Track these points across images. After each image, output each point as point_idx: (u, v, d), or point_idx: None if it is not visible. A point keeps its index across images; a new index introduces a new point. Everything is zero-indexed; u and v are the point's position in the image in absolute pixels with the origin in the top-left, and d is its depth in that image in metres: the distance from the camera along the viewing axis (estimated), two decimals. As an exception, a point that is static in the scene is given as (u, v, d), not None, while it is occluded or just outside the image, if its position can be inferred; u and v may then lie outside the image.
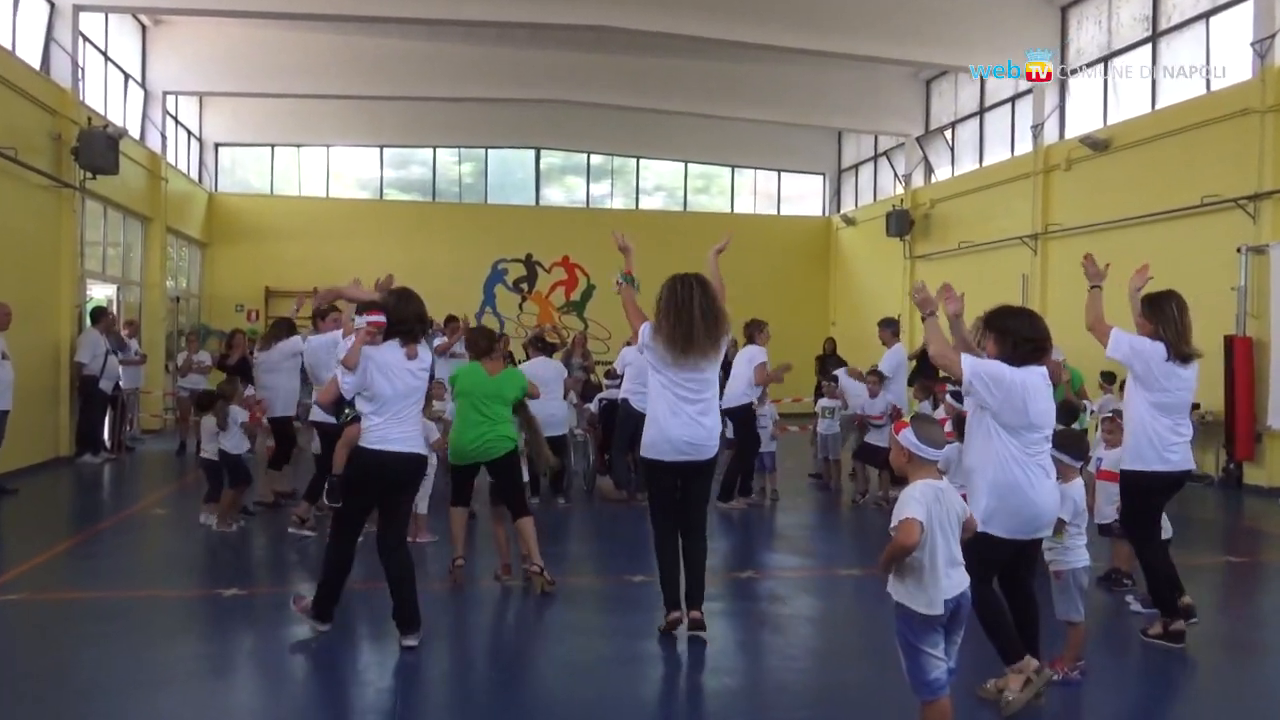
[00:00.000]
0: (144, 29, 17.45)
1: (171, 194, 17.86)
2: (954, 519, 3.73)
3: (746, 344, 10.35)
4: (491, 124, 21.91)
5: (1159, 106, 14.08)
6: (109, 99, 15.80)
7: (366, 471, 5.31)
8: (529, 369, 9.92)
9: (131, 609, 6.21)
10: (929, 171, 20.00)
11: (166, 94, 17.94)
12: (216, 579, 7.08)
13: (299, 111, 21.06)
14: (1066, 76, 15.93)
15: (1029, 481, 4.42)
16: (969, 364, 4.44)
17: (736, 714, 4.60)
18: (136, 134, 16.71)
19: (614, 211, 23.06)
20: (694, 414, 5.37)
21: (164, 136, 17.71)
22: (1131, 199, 14.00)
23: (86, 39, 14.72)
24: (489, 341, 6.78)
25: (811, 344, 17.72)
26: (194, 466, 9.04)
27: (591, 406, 11.29)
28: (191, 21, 17.26)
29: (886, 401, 10.31)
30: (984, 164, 18.33)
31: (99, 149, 13.54)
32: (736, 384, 10.03)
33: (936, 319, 4.70)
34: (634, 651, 5.41)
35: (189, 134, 20.31)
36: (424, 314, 5.41)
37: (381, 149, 22.42)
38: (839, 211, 23.72)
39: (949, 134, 19.50)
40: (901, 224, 19.65)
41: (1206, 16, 13.44)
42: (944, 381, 8.27)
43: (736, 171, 24.19)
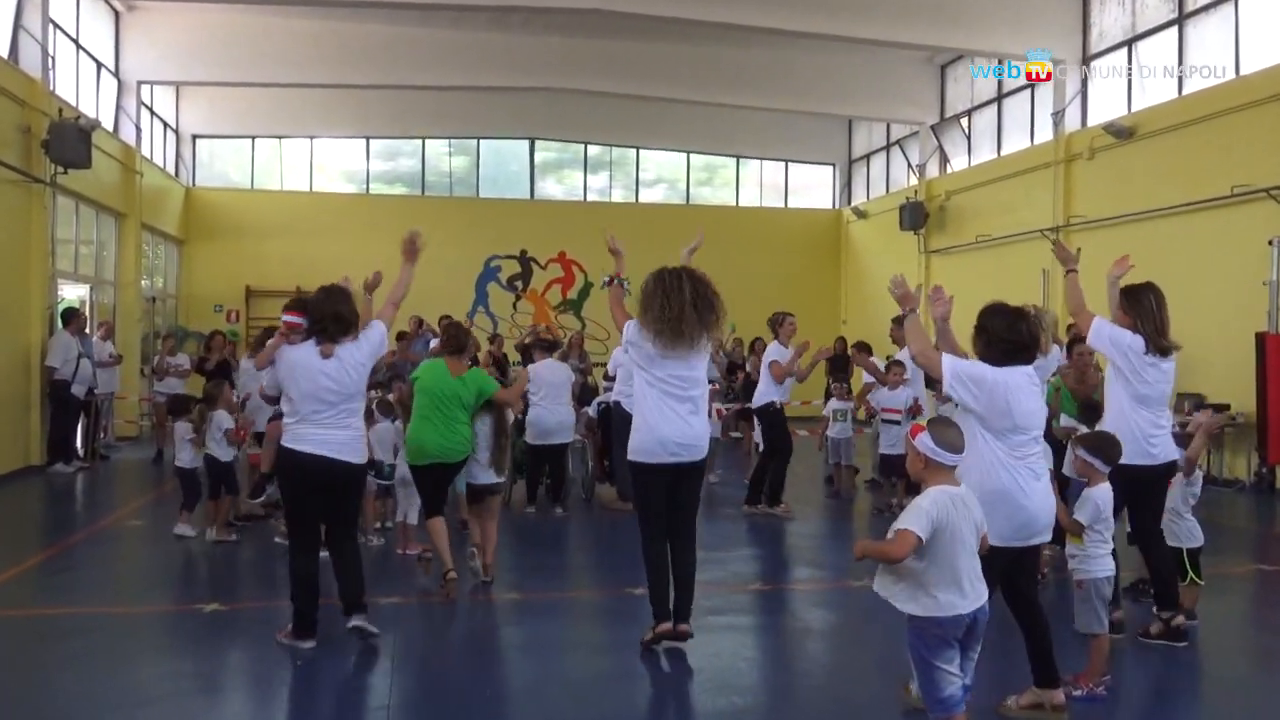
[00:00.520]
0: (117, 15, 17.47)
1: (147, 189, 17.87)
2: (973, 528, 3.73)
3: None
4: (484, 113, 21.91)
5: (1186, 92, 14.08)
6: (80, 89, 15.81)
7: (283, 469, 5.68)
8: (534, 372, 9.93)
9: (107, 626, 6.22)
10: (944, 161, 20.01)
11: (141, 83, 17.94)
12: (196, 594, 7.10)
13: (281, 101, 21.07)
14: (1088, 60, 15.94)
15: (1018, 486, 4.43)
16: (949, 364, 4.50)
17: (744, 734, 4.61)
18: (110, 126, 16.72)
19: (613, 205, 23.08)
20: (684, 413, 5.44)
21: (138, 128, 17.73)
22: (1157, 189, 14.01)
23: (57, 26, 14.73)
24: (463, 340, 7.05)
25: (821, 344, 17.69)
26: (172, 475, 9.03)
27: (590, 410, 11.30)
28: (167, 7, 17.27)
29: (909, 395, 10.31)
30: (1002, 153, 18.33)
31: (70, 142, 13.55)
32: (761, 383, 10.26)
33: (917, 316, 4.84)
34: (636, 668, 5.41)
35: (165, 125, 20.31)
36: (343, 313, 5.56)
37: (368, 140, 22.43)
38: (849, 204, 23.72)
39: (965, 122, 19.50)
40: (916, 217, 19.66)
41: (1236, -3, 13.45)
42: None
43: (742, 162, 24.19)
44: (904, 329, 4.82)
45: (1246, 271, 12.31)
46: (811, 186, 24.63)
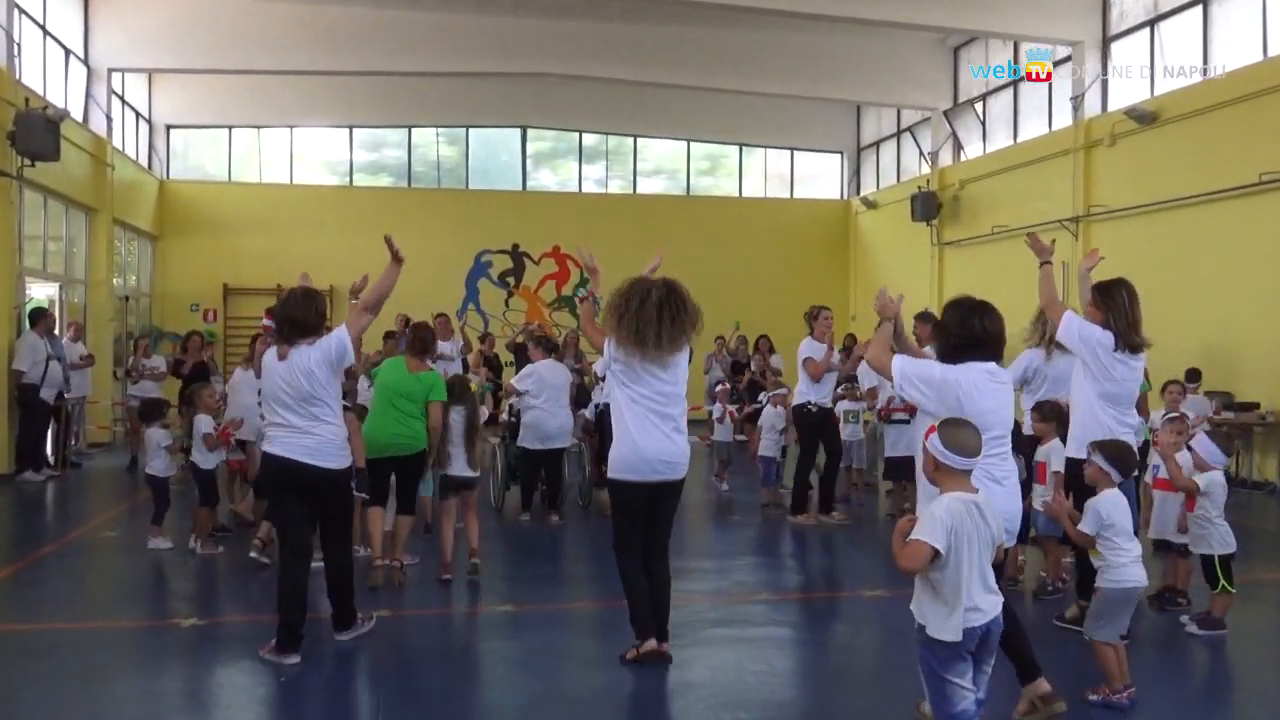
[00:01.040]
0: (86, 0, 17.47)
1: (118, 182, 17.87)
2: (988, 537, 3.73)
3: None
4: (473, 101, 21.92)
5: (1211, 75, 14.08)
6: (48, 77, 15.80)
7: (263, 472, 6.12)
8: (534, 372, 9.92)
9: (78, 643, 6.20)
10: (958, 149, 20.01)
11: (112, 71, 17.93)
12: (173, 608, 7.10)
13: (259, 89, 21.06)
14: (1109, 42, 15.95)
15: None
16: (898, 365, 4.63)
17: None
18: (79, 116, 16.71)
19: (609, 196, 23.09)
20: (668, 430, 5.58)
21: (109, 118, 17.72)
22: (1182, 177, 14.01)
23: (22, 10, 14.72)
24: (428, 344, 7.63)
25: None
26: (146, 484, 9.03)
27: (587, 413, 11.28)
28: (139, -10, 17.28)
29: None
30: (1019, 140, 18.33)
31: (37, 133, 13.53)
32: (799, 383, 10.21)
33: (889, 326, 4.96)
34: (637, 684, 5.41)
35: (137, 115, 20.31)
36: (298, 317, 5.78)
37: (351, 130, 22.43)
38: (858, 194, 23.73)
39: (979, 107, 19.50)
40: (928, 207, 19.67)
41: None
42: None
43: (745, 151, 24.19)
44: (873, 335, 5.03)
45: (1276, 263, 12.32)
46: (818, 176, 24.64)
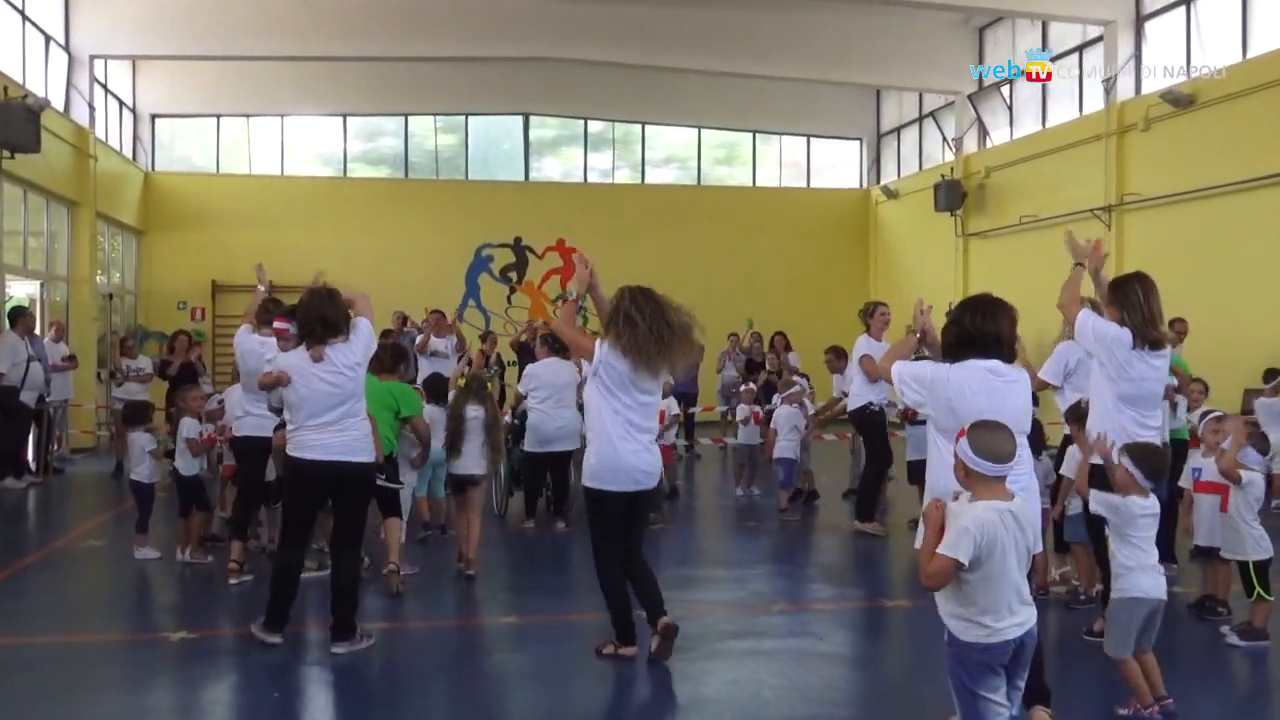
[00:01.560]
0: (67, -17, 17.52)
1: (101, 174, 17.91)
2: (1024, 549, 3.71)
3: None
4: (473, 87, 21.92)
5: (1252, 54, 14.03)
6: (28, 65, 15.85)
7: (289, 478, 6.26)
8: (534, 374, 9.92)
9: (63, 657, 6.22)
10: (983, 135, 19.96)
11: (94, 58, 17.96)
12: (161, 621, 7.11)
13: (248, 76, 21.09)
14: (1143, 20, 15.90)
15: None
16: (895, 368, 4.77)
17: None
18: (60, 105, 16.76)
19: (617, 187, 23.08)
20: (646, 443, 5.95)
21: (92, 107, 17.77)
22: (1220, 163, 13.96)
23: (1, -4, 14.78)
24: (388, 363, 7.80)
25: (849, 339, 17.63)
26: (130, 491, 9.04)
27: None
28: (122, -27, 17.33)
29: None
30: (1047, 125, 18.29)
31: (17, 123, 13.57)
32: (854, 383, 10.14)
33: (914, 338, 5.16)
34: (647, 698, 5.42)
35: (121, 104, 20.36)
36: (328, 315, 5.99)
37: (345, 118, 22.45)
38: (879, 183, 23.69)
39: (1006, 90, 19.45)
40: (952, 196, 19.62)
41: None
42: None
43: (759, 138, 24.15)
44: (896, 343, 5.28)
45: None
46: (836, 164, 24.60)
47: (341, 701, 5.50)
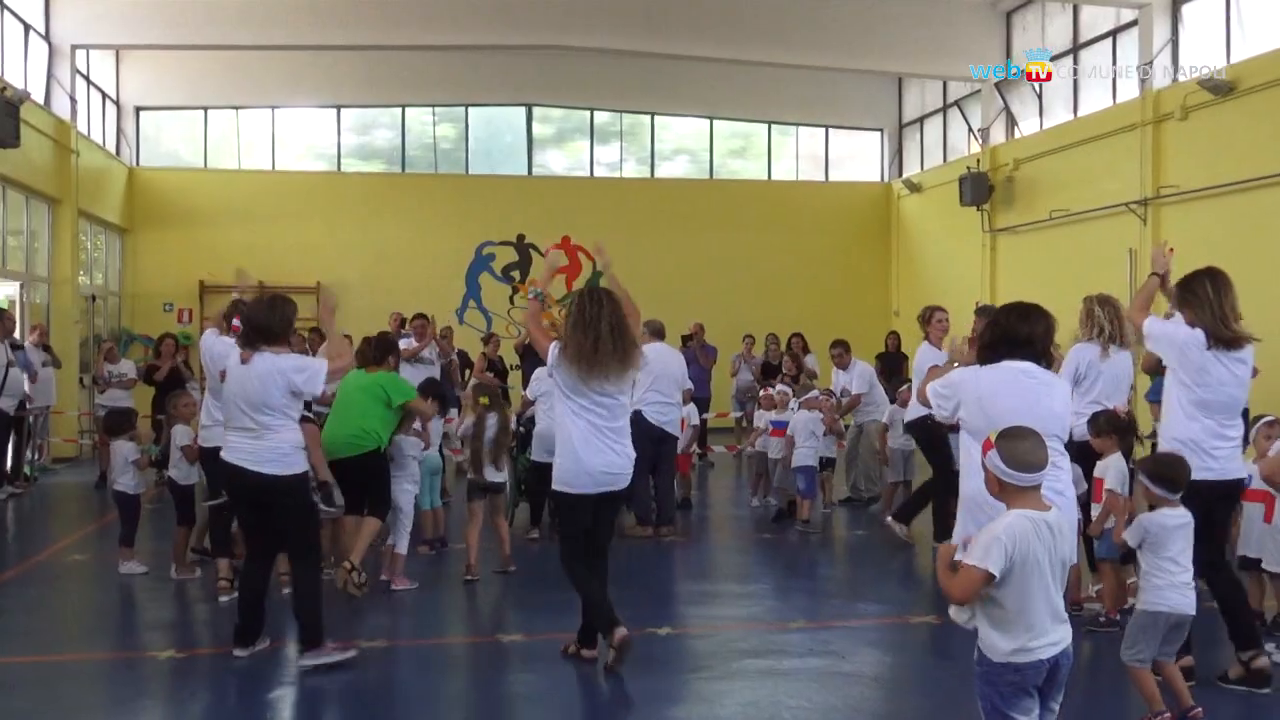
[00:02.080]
0: (47, -31, 17.59)
1: (83, 170, 17.96)
2: (1058, 561, 3.69)
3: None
4: (473, 76, 21.94)
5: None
6: (6, 56, 15.91)
7: (219, 478, 6.64)
8: (538, 377, 9.92)
9: (44, 678, 6.24)
10: (1011, 125, 19.93)
11: (76, 48, 18.02)
12: (149, 639, 7.12)
13: (237, 67, 21.13)
14: (1179, 3, 15.87)
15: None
16: (928, 389, 4.99)
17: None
18: (40, 98, 16.82)
19: (624, 181, 23.06)
20: (610, 442, 6.09)
21: (73, 100, 17.82)
22: (1263, 154, 13.89)
23: (-22, -17, 14.84)
24: (381, 354, 8.03)
25: (870, 340, 17.66)
26: (114, 502, 9.05)
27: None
28: (105, -41, 17.39)
29: None
30: (1079, 114, 18.26)
31: (-5, 117, 13.63)
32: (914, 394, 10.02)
33: (949, 367, 5.40)
34: (661, 721, 5.42)
35: (104, 96, 20.43)
36: (261, 320, 6.18)
37: (339, 110, 22.48)
38: (900, 176, 23.67)
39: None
40: (978, 190, 19.59)
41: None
42: None
43: (775, 129, 24.13)
44: (936, 370, 5.53)
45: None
46: (856, 156, 24.58)
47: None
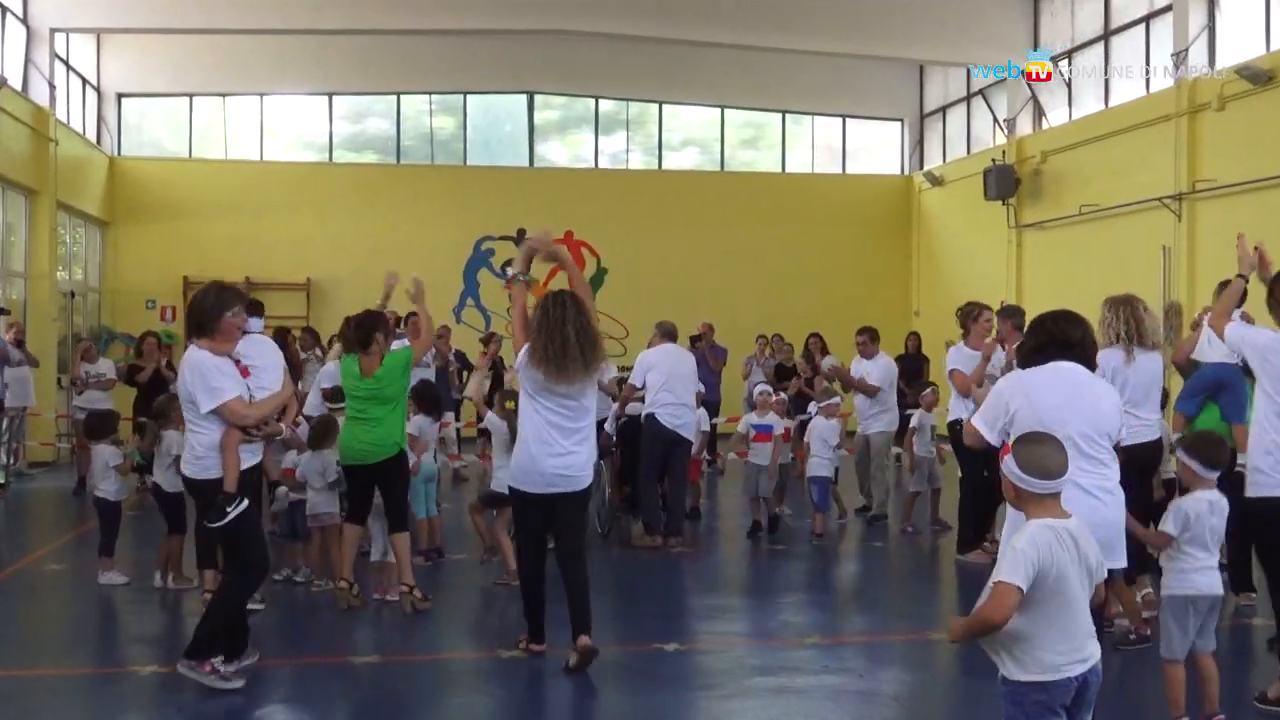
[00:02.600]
0: (26, -51, 17.63)
1: (62, 159, 18.00)
2: (1084, 571, 3.68)
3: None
4: (471, 63, 21.97)
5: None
6: (-17, 39, 15.97)
7: None
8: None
9: (21, 693, 6.25)
10: (1039, 115, 19.93)
11: (55, 32, 18.04)
12: (130, 653, 7.14)
13: (224, 52, 21.18)
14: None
15: None
16: (976, 422, 5.08)
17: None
18: (17, 84, 16.86)
19: (630, 173, 23.08)
20: (569, 444, 6.34)
21: (52, 86, 17.86)
22: (1305, 146, 13.92)
23: (-47, -37, 14.88)
24: (364, 334, 7.68)
25: (890, 340, 17.59)
26: (94, 508, 9.05)
27: (607, 426, 11.27)
28: (86, -62, 17.42)
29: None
30: (1111, 104, 18.25)
31: (-29, 104, 13.68)
32: (951, 399, 9.82)
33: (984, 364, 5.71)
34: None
35: (84, 82, 20.46)
36: (190, 309, 6.31)
37: (330, 98, 22.51)
38: (922, 168, 23.67)
39: (1065, 66, 19.41)
40: (1004, 183, 19.57)
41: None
42: None
43: (789, 119, 24.15)
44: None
45: None
46: (875, 148, 24.60)
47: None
